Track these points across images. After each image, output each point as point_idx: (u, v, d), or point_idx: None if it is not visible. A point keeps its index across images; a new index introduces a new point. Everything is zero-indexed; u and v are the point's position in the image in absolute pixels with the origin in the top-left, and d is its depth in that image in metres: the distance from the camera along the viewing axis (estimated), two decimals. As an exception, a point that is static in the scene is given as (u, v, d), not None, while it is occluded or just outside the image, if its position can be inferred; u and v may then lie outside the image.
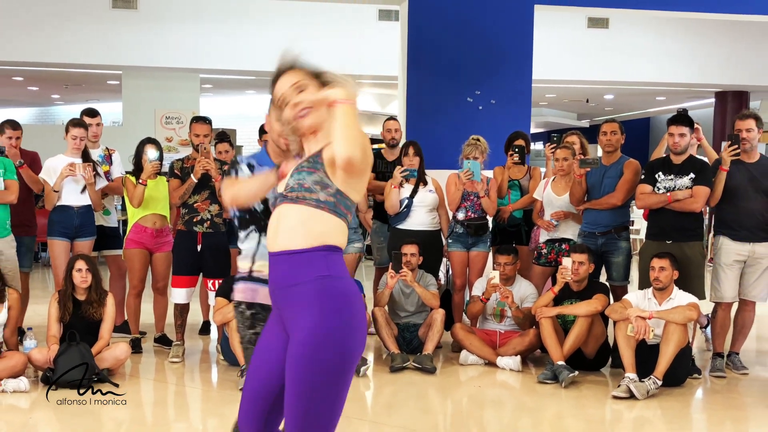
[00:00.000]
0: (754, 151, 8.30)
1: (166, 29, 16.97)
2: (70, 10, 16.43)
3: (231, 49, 17.22)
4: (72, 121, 9.04)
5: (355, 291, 3.80)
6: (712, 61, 19.66)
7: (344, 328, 3.68)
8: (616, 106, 28.65)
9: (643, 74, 19.61)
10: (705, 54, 19.52)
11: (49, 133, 16.08)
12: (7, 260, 8.28)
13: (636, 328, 7.59)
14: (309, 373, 3.64)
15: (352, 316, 3.71)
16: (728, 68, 19.82)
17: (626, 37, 18.87)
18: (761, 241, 8.24)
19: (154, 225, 8.89)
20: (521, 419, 7.08)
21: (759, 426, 6.94)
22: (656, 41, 19.12)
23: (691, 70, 19.71)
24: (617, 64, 19.19)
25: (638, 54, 19.15)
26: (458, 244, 9.18)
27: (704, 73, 19.88)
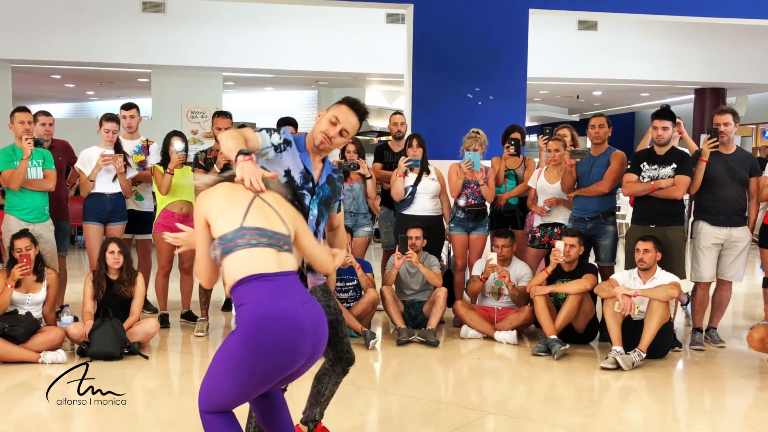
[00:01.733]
0: (731, 143, 8.30)
1: (191, 31, 16.94)
2: (103, 14, 16.40)
3: (251, 50, 17.19)
4: (105, 116, 9.06)
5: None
6: (691, 60, 19.59)
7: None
8: (604, 101, 28.60)
9: (628, 72, 19.55)
10: (685, 54, 19.45)
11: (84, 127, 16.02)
12: (45, 243, 8.29)
13: (622, 305, 7.60)
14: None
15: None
16: (707, 67, 19.76)
17: (613, 38, 18.80)
18: (737, 226, 8.24)
19: (180, 210, 8.88)
20: (517, 388, 7.07)
21: (735, 394, 6.92)
22: (641, 42, 19.04)
23: (672, 68, 19.64)
24: (605, 63, 19.12)
25: (624, 54, 19.08)
26: (459, 228, 9.17)
27: (685, 72, 19.81)
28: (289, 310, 3.71)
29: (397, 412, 6.14)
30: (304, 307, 3.77)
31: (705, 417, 6.39)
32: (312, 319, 3.79)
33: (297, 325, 3.70)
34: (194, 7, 16.71)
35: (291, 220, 4.01)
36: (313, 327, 3.78)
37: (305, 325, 3.74)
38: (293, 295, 3.77)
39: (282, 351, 3.68)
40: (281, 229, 3.92)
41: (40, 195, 8.38)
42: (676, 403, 6.75)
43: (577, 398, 6.66)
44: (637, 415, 6.34)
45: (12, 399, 6.45)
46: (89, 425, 5.90)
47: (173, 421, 5.86)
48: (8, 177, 8.21)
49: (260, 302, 3.70)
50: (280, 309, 3.70)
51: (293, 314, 3.71)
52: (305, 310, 3.76)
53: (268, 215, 3.92)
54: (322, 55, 17.52)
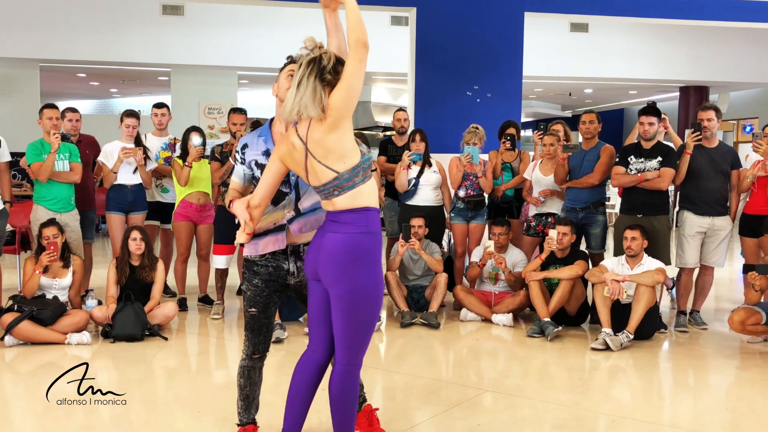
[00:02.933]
0: (713, 137, 8.30)
1: (208, 33, 16.93)
2: (126, 17, 16.41)
3: (264, 49, 17.16)
4: (126, 112, 9.09)
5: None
6: (676, 60, 19.56)
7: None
8: (595, 98, 28.55)
9: (617, 71, 19.53)
10: (671, 54, 19.42)
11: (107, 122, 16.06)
12: (72, 231, 8.29)
13: (611, 289, 7.60)
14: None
15: None
16: (691, 66, 19.74)
17: (603, 39, 18.78)
18: (719, 215, 8.24)
19: (198, 201, 8.88)
20: (512, 367, 7.06)
21: (717, 373, 6.91)
22: (629, 43, 19.02)
23: (658, 67, 19.61)
24: (595, 63, 19.11)
25: (613, 54, 19.07)
26: (459, 217, 9.17)
27: (670, 71, 19.78)
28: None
29: (401, 389, 6.14)
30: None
31: (689, 394, 6.38)
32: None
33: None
34: (211, 10, 16.71)
35: (332, 158, 3.95)
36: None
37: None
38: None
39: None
40: (327, 178, 3.96)
41: (66, 186, 8.39)
42: (661, 381, 6.74)
43: (568, 377, 6.65)
44: (625, 393, 6.33)
45: (40, 377, 6.45)
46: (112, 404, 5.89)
47: (191, 398, 5.86)
48: (37, 169, 8.21)
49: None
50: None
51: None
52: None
53: (318, 172, 3.97)
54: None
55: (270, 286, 4.46)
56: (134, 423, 5.35)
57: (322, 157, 3.93)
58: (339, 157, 3.92)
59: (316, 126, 3.91)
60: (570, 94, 27.12)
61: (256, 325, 4.52)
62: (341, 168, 3.93)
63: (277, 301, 4.53)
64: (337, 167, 3.92)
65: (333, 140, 3.91)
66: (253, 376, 4.64)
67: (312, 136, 3.93)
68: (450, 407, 5.71)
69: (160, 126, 9.58)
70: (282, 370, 4.95)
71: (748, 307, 7.41)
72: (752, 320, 7.32)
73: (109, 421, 5.38)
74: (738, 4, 12.43)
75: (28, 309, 7.36)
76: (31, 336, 7.33)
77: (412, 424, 5.32)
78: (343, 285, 3.96)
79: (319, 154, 3.93)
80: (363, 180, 3.98)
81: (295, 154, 4.02)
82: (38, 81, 18.22)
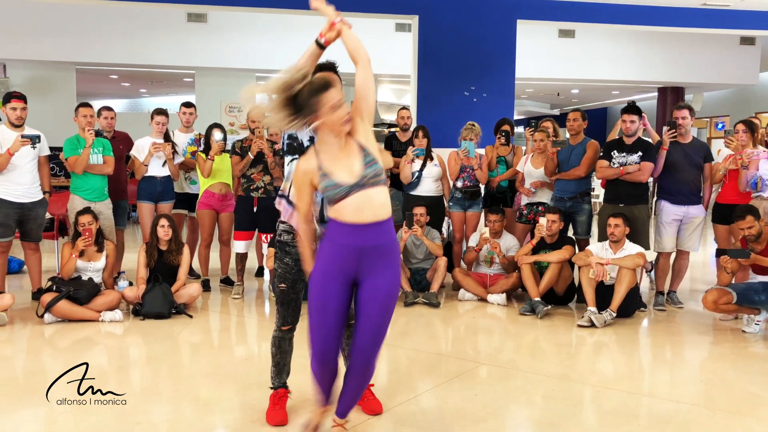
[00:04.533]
0: (688, 134, 8.28)
1: (229, 38, 16.90)
2: (154, 24, 16.38)
3: (279, 53, 17.11)
4: (156, 111, 9.08)
5: None
6: (655, 63, 19.49)
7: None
8: (580, 98, 28.48)
9: (601, 73, 19.46)
10: (650, 57, 19.35)
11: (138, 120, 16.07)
12: (105, 219, 8.30)
13: (596, 271, 7.61)
14: (391, 306, 3.96)
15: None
16: (668, 68, 19.66)
17: (588, 44, 18.71)
18: (693, 204, 8.25)
19: (220, 191, 8.88)
20: (506, 343, 7.05)
21: (692, 348, 6.90)
22: (612, 47, 18.96)
23: (638, 70, 19.55)
24: (581, 66, 19.04)
25: (598, 57, 19.00)
26: (457, 206, 9.14)
27: (649, 73, 19.71)
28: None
29: (404, 363, 6.13)
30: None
31: (666, 367, 6.37)
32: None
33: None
34: (231, 18, 16.69)
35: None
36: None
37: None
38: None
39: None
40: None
41: (100, 178, 8.38)
42: (641, 355, 6.73)
43: (557, 351, 6.64)
44: (609, 366, 6.32)
45: (77, 352, 6.46)
46: (143, 375, 5.90)
47: (213, 371, 5.86)
48: (73, 162, 8.22)
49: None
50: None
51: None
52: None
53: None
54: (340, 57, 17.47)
55: (299, 265, 4.46)
56: (163, 393, 5.35)
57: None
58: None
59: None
60: (558, 94, 27.07)
61: (285, 299, 4.59)
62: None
63: (305, 279, 4.51)
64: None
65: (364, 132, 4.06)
66: (283, 345, 4.73)
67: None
68: (449, 379, 5.70)
69: (188, 123, 9.57)
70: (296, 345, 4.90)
71: (720, 288, 7.39)
72: (724, 300, 7.30)
73: (140, 392, 5.38)
74: (711, 13, 12.45)
75: (65, 289, 7.37)
76: (68, 314, 7.35)
77: (415, 393, 5.32)
78: (391, 277, 3.97)
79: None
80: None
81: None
82: (74, 82, 18.20)
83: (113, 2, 11.13)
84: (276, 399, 4.78)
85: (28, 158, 7.91)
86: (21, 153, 7.79)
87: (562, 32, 18.06)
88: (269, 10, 11.44)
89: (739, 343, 7.04)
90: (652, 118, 21.66)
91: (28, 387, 5.36)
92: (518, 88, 15.76)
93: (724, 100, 24.27)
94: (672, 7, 12.32)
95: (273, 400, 4.79)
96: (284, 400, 4.78)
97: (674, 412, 5.03)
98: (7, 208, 7.84)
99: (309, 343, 4.02)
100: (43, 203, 8.18)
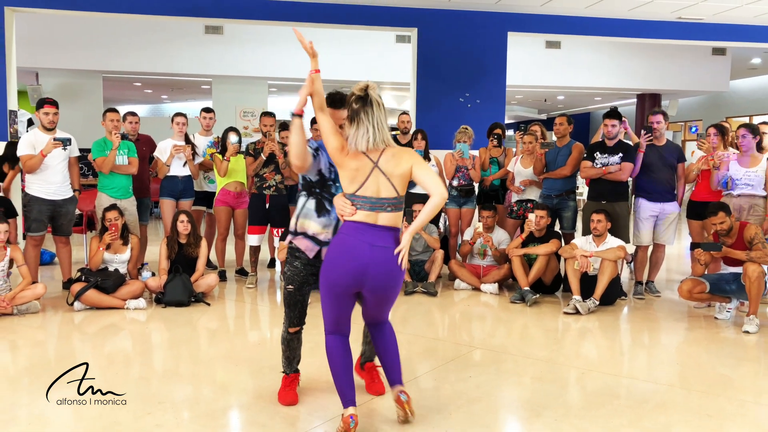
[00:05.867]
0: (662, 137, 8.32)
1: (243, 48, 16.89)
2: (175, 35, 16.39)
3: (290, 63, 17.12)
4: (176, 114, 9.09)
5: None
6: (634, 72, 19.47)
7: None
8: (566, 104, 28.46)
9: (585, 81, 19.45)
10: (629, 66, 19.33)
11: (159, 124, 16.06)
12: (130, 214, 8.29)
13: (580, 263, 7.59)
14: (396, 290, 4.14)
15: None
16: (646, 77, 19.65)
17: (573, 54, 18.69)
18: (668, 202, 8.28)
19: (235, 189, 8.86)
20: (498, 329, 7.04)
21: (668, 333, 6.88)
22: (595, 57, 18.94)
23: (619, 78, 19.53)
24: (566, 74, 19.02)
25: (582, 67, 18.99)
26: (453, 203, 9.14)
27: (628, 80, 19.69)
28: (355, 243, 3.98)
29: (405, 347, 6.11)
30: (372, 248, 3.96)
31: (644, 351, 6.35)
32: (373, 258, 3.96)
33: (354, 255, 3.96)
34: (246, 30, 16.68)
35: (402, 182, 4.06)
36: (371, 262, 3.95)
37: (363, 258, 3.95)
38: (368, 237, 3.98)
39: (337, 269, 3.99)
40: (389, 194, 4.02)
41: (125, 177, 8.37)
42: (622, 340, 6.71)
43: (545, 336, 6.63)
44: (592, 350, 6.31)
45: (104, 337, 6.45)
46: (164, 359, 5.90)
47: (230, 354, 5.85)
48: (101, 163, 8.21)
49: (342, 233, 4.05)
50: (350, 240, 3.99)
51: (356, 246, 3.97)
52: (370, 250, 3.96)
53: (380, 184, 4.00)
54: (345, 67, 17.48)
55: (307, 269, 4.46)
56: (183, 375, 5.34)
57: (390, 174, 4.03)
58: (402, 182, 4.07)
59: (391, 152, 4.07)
60: (545, 100, 27.05)
61: (291, 300, 4.54)
62: (401, 191, 4.08)
63: (312, 282, 4.50)
64: (399, 190, 4.06)
65: (406, 166, 4.06)
66: (292, 344, 4.72)
67: (389, 160, 4.03)
68: (446, 362, 5.69)
69: (207, 127, 9.54)
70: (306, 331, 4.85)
71: (694, 278, 7.38)
72: (698, 289, 7.30)
73: (162, 374, 5.37)
74: (685, 26, 12.47)
75: (93, 279, 7.38)
76: (95, 302, 7.36)
77: (414, 375, 5.31)
78: (395, 287, 4.11)
79: (389, 171, 4.03)
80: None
81: (362, 169, 4.04)
82: (101, 89, 18.19)
83: (137, 15, 11.09)
84: (287, 382, 4.77)
85: (59, 159, 7.91)
86: (53, 154, 7.79)
87: (548, 43, 18.03)
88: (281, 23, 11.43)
89: (711, 329, 7.02)
90: (632, 122, 21.65)
91: (59, 370, 5.34)
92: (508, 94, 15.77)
93: (698, 106, 24.23)
94: (650, 20, 12.33)
95: (285, 382, 4.78)
96: (295, 383, 4.77)
97: (652, 393, 5.02)
98: (41, 204, 7.84)
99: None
100: (73, 200, 8.17)
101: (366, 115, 3.99)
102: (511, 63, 11.89)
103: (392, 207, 4.04)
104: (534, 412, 4.59)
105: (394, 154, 4.06)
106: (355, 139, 4.02)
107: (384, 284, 4.05)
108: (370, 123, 3.99)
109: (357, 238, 3.98)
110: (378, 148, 4.03)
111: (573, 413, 4.57)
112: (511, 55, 11.77)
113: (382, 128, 4.03)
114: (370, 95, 4.03)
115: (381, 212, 4.01)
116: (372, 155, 4.03)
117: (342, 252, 4.01)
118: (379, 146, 4.03)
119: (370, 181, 4.00)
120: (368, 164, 4.02)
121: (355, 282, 4.01)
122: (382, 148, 4.04)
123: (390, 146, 4.07)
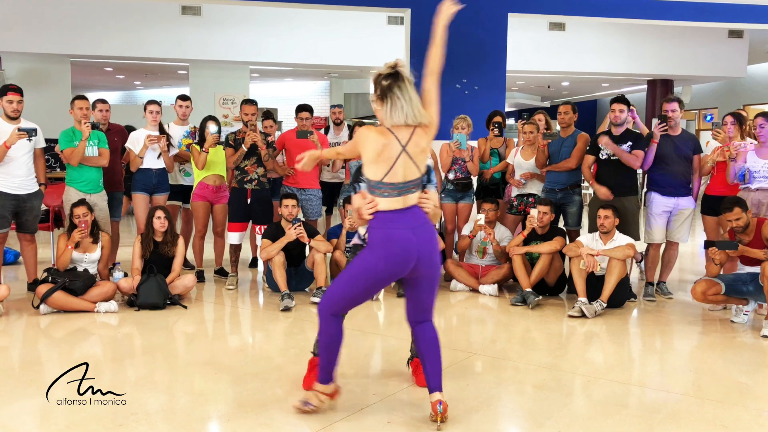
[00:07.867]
0: (677, 126, 8.30)
1: (223, 31, 16.89)
2: (149, 16, 16.38)
3: (273, 46, 17.15)
4: (148, 102, 9.06)
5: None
6: (644, 56, 19.52)
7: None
8: (571, 90, 28.53)
9: (591, 66, 19.51)
10: (639, 50, 19.38)
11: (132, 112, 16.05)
12: (100, 210, 8.28)
13: (586, 262, 7.61)
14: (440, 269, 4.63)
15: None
16: (657, 61, 19.71)
17: (579, 37, 18.73)
18: (683, 196, 8.25)
19: (214, 183, 8.85)
20: (498, 333, 7.05)
21: (681, 338, 6.90)
22: (601, 40, 18.99)
23: (628, 63, 19.59)
24: (571, 58, 19.07)
25: (588, 50, 19.04)
26: (449, 198, 9.14)
27: (638, 65, 19.75)
28: (397, 231, 4.26)
29: (397, 352, 6.11)
30: (413, 230, 4.28)
31: (656, 357, 6.37)
32: (419, 240, 4.28)
33: (402, 243, 4.25)
34: (226, 11, 16.68)
35: (424, 157, 4.36)
36: (419, 243, 4.27)
37: (411, 244, 4.26)
38: (406, 221, 4.29)
39: (392, 261, 4.26)
40: (414, 175, 4.32)
41: (95, 170, 8.36)
42: (631, 345, 6.73)
43: (548, 341, 6.64)
44: (599, 356, 6.33)
45: (72, 342, 6.44)
46: (138, 366, 5.88)
47: (208, 361, 5.85)
48: (69, 155, 8.19)
49: (377, 228, 4.31)
50: (391, 231, 4.27)
51: (400, 235, 4.25)
52: (413, 233, 4.27)
53: (407, 168, 4.28)
54: (333, 51, 17.54)
55: None
56: (158, 383, 5.33)
57: (415, 156, 4.29)
58: (424, 159, 4.37)
59: (423, 134, 4.32)
60: (548, 86, 27.10)
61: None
62: (423, 170, 4.39)
63: None
64: (422, 168, 4.36)
65: (428, 146, 4.39)
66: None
67: (418, 142, 4.29)
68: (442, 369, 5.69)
69: (184, 116, 9.49)
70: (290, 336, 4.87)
71: (708, 279, 7.40)
72: (713, 291, 7.31)
73: (135, 382, 5.36)
74: (700, 6, 12.46)
75: (61, 280, 7.36)
76: (63, 304, 7.33)
77: (409, 383, 5.31)
78: (439, 265, 4.50)
79: (414, 154, 4.28)
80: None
81: (388, 151, 4.25)
82: (69, 74, 18.16)
83: (108, -5, 11.07)
84: (313, 365, 5.01)
85: (24, 151, 7.88)
86: (17, 145, 7.75)
87: (552, 25, 18.08)
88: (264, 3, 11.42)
89: (727, 333, 7.05)
90: (642, 110, 21.69)
91: (24, 377, 5.33)
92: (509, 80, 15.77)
93: (713, 93, 24.33)
94: (661, 0, 12.33)
95: (311, 365, 5.07)
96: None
97: (664, 402, 5.04)
98: (3, 199, 7.81)
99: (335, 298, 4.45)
100: (39, 195, 8.14)
101: (400, 90, 4.22)
102: (512, 46, 11.85)
103: (416, 187, 4.36)
104: (536, 423, 4.60)
105: (416, 133, 4.31)
106: (390, 114, 4.26)
107: (435, 262, 4.40)
108: (404, 98, 4.23)
109: (396, 226, 4.28)
110: (410, 125, 4.28)
111: (578, 424, 4.58)
112: (512, 37, 11.74)
113: (417, 104, 4.27)
114: (400, 72, 4.25)
115: (407, 194, 4.31)
116: (401, 136, 4.27)
117: (388, 244, 4.28)
118: (416, 120, 4.27)
119: (397, 166, 4.25)
120: (396, 148, 4.24)
121: (407, 268, 4.32)
122: (415, 124, 4.28)
123: (420, 126, 4.32)
